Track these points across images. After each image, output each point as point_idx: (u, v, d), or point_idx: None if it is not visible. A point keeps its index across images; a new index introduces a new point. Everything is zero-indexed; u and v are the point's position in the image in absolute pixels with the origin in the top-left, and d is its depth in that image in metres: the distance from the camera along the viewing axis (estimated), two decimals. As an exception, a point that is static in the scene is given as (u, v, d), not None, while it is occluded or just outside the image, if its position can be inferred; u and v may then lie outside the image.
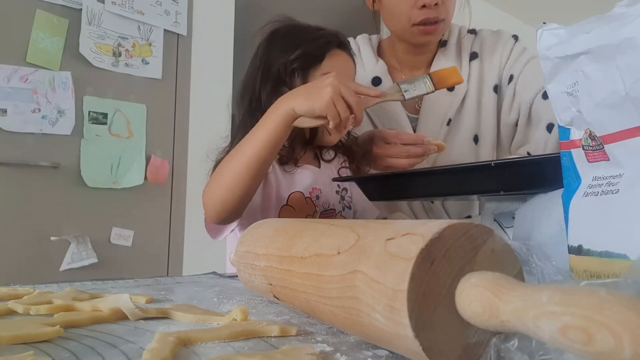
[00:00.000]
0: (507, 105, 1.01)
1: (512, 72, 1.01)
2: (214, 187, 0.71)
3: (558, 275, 0.36)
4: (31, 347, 0.31)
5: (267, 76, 0.83)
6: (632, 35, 0.32)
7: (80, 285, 0.56)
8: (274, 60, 0.83)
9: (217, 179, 0.71)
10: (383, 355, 0.30)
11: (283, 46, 0.84)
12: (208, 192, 0.72)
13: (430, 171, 0.73)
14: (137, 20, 1.99)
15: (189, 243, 2.10)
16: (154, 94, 2.02)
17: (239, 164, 0.68)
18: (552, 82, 0.39)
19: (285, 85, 0.82)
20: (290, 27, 0.87)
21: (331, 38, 0.85)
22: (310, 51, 0.82)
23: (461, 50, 1.04)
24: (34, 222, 1.74)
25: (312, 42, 0.83)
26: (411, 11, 0.91)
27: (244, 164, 0.68)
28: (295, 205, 0.84)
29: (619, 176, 0.35)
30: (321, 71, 0.82)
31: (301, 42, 0.83)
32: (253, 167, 0.68)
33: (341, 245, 0.32)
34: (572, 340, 0.18)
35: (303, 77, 0.82)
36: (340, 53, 0.85)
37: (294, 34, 0.85)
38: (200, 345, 0.32)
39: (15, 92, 1.72)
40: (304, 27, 0.87)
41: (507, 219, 0.64)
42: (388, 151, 0.82)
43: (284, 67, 0.82)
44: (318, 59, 0.82)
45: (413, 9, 0.91)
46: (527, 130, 0.99)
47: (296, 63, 0.82)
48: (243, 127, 0.84)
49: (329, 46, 0.83)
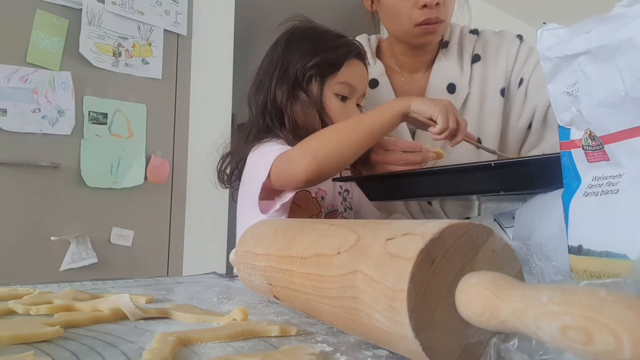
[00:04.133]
0: (517, 109, 1.00)
1: (522, 75, 0.99)
2: (321, 146, 0.71)
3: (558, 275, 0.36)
4: (31, 347, 0.31)
5: (283, 77, 0.84)
6: (632, 35, 0.32)
7: (80, 285, 0.56)
8: (292, 62, 0.84)
9: (327, 140, 0.73)
10: (383, 355, 0.30)
11: (302, 49, 0.85)
12: (309, 150, 0.71)
13: (430, 171, 0.73)
14: (137, 20, 1.99)
15: (189, 243, 2.10)
16: (154, 94, 2.02)
17: (354, 134, 0.72)
18: (552, 82, 0.39)
19: (301, 88, 0.84)
20: (310, 30, 0.88)
21: (351, 48, 0.86)
22: (329, 59, 0.84)
23: (463, 52, 1.03)
24: (34, 222, 1.74)
25: (332, 50, 0.84)
26: (412, 11, 0.91)
27: (358, 136, 0.72)
28: (301, 203, 0.85)
29: (619, 176, 0.35)
30: (338, 80, 0.84)
31: (321, 48, 0.84)
32: (363, 142, 0.73)
33: (341, 245, 0.32)
34: (572, 340, 0.18)
35: (320, 83, 0.84)
36: (357, 63, 0.87)
37: (314, 38, 0.86)
38: (200, 345, 0.32)
39: (15, 92, 1.71)
40: (323, 32, 0.88)
41: (507, 219, 0.64)
42: (386, 158, 0.83)
43: (302, 71, 0.83)
44: (336, 67, 0.84)
45: (414, 9, 0.90)
46: (543, 132, 0.98)
47: (314, 69, 0.83)
48: (257, 123, 0.86)
49: (349, 56, 0.85)
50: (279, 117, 0.84)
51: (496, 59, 1.01)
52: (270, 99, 0.84)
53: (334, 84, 0.84)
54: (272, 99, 0.84)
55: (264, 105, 0.85)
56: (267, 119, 0.85)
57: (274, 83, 0.84)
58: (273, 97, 0.84)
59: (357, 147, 0.72)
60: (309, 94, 0.83)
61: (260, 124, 0.85)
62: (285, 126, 0.83)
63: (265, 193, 0.75)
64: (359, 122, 0.74)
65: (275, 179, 0.73)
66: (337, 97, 0.84)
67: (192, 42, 2.14)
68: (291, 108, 0.84)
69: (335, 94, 0.84)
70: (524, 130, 1.00)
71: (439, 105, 0.74)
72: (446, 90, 1.00)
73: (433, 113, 0.73)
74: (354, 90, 0.85)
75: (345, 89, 0.84)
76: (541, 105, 0.96)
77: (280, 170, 0.72)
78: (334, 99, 0.84)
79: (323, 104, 0.83)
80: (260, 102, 0.85)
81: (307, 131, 0.81)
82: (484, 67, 1.01)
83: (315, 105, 0.83)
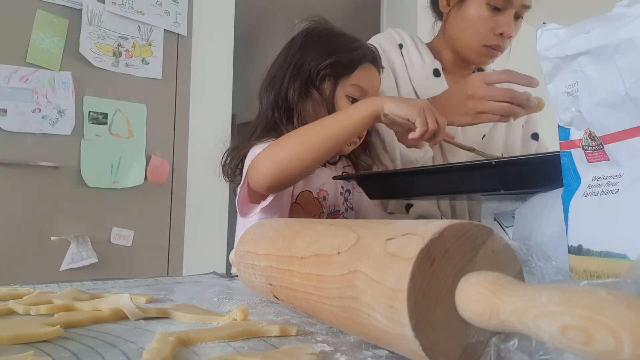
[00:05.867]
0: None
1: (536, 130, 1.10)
2: (280, 150, 0.71)
3: (558, 275, 0.36)
4: (31, 347, 0.31)
5: (297, 74, 0.85)
6: (632, 35, 0.32)
7: (80, 285, 0.56)
8: (307, 60, 0.85)
9: (286, 144, 0.71)
10: (383, 355, 0.30)
11: (318, 49, 0.85)
12: (269, 155, 0.71)
13: (431, 170, 0.73)
14: (137, 20, 1.98)
15: (189, 243, 2.10)
16: (154, 94, 2.02)
17: (314, 137, 0.70)
18: (552, 83, 0.39)
19: (314, 87, 0.84)
20: (327, 31, 0.89)
21: (367, 52, 0.87)
22: (344, 61, 0.84)
23: None
24: (34, 222, 1.74)
25: (348, 52, 0.85)
26: (488, 34, 0.97)
27: (320, 139, 0.69)
28: (304, 203, 0.85)
29: (618, 176, 0.35)
30: (350, 82, 0.85)
31: (337, 49, 0.85)
32: (327, 145, 0.70)
33: (341, 245, 0.32)
34: (572, 340, 0.18)
35: (333, 83, 0.84)
36: (371, 68, 0.87)
37: (331, 39, 0.87)
38: (200, 345, 0.32)
39: (15, 92, 1.71)
40: (339, 34, 0.89)
41: (507, 219, 0.64)
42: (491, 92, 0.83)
43: (316, 70, 0.84)
44: (350, 69, 0.84)
45: (490, 33, 0.97)
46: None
47: (329, 69, 0.83)
48: (265, 119, 0.86)
49: (364, 59, 0.86)
50: (289, 113, 0.85)
51: None
52: (282, 94, 0.85)
53: (346, 85, 0.84)
54: (284, 95, 0.85)
55: (274, 101, 0.85)
56: (275, 115, 0.85)
57: (287, 79, 0.85)
58: (285, 93, 0.85)
59: (321, 150, 0.70)
60: (322, 93, 0.84)
61: (268, 119, 0.86)
62: (293, 123, 0.84)
63: (256, 195, 0.76)
64: (323, 125, 0.71)
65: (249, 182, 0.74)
66: (347, 99, 0.85)
67: (192, 42, 2.14)
68: (302, 105, 0.84)
69: (346, 96, 0.85)
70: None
71: (415, 106, 0.69)
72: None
73: (410, 115, 0.69)
74: (365, 94, 0.86)
75: (357, 92, 0.85)
76: None
77: (249, 174, 0.73)
78: (345, 100, 0.85)
79: (334, 104, 0.84)
80: (272, 97, 0.86)
81: None
82: None
83: (326, 104, 0.83)
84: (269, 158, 0.70)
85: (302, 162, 0.70)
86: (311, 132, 0.71)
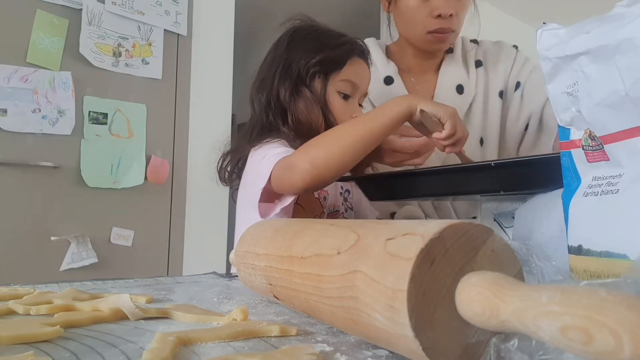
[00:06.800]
0: (514, 111, 1.05)
1: (519, 79, 1.05)
2: (318, 152, 0.70)
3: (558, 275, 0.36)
4: (31, 347, 0.31)
5: (286, 74, 0.84)
6: (632, 35, 0.32)
7: (80, 285, 0.56)
8: (295, 59, 0.84)
9: (323, 146, 0.70)
10: (383, 355, 0.30)
11: (305, 47, 0.85)
12: (306, 156, 0.70)
13: (430, 171, 0.73)
14: (137, 20, 1.99)
15: (189, 243, 2.10)
16: (154, 94, 2.02)
17: (352, 137, 0.70)
18: (552, 83, 0.39)
19: (304, 85, 0.84)
20: (313, 29, 0.88)
21: (354, 46, 0.86)
22: (332, 57, 0.84)
23: (467, 58, 1.08)
24: (34, 222, 1.74)
25: (336, 48, 0.84)
26: (427, 19, 0.95)
27: (358, 138, 0.69)
28: (305, 204, 0.85)
29: (618, 176, 0.35)
30: (341, 77, 0.84)
31: (324, 46, 0.84)
32: (364, 144, 0.70)
33: (341, 245, 0.32)
34: (572, 340, 0.18)
35: (324, 80, 0.84)
36: (360, 62, 0.87)
37: (317, 36, 0.87)
38: (200, 345, 0.32)
39: (15, 92, 1.71)
40: (326, 31, 0.88)
41: (507, 219, 0.64)
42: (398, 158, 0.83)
43: (305, 68, 0.83)
44: (340, 65, 0.84)
45: (429, 18, 0.95)
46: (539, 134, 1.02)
47: (318, 66, 0.83)
48: (260, 121, 0.86)
49: (352, 54, 0.85)
50: (282, 114, 0.84)
51: (496, 65, 1.08)
52: (274, 96, 0.84)
53: (337, 81, 0.84)
54: (275, 96, 0.84)
55: (267, 103, 0.85)
56: (270, 117, 0.85)
57: (277, 80, 0.84)
58: (276, 95, 0.84)
59: (358, 149, 0.70)
60: (313, 91, 0.83)
61: (263, 121, 0.85)
62: (287, 124, 0.83)
63: (265, 195, 0.75)
64: (359, 124, 0.72)
65: (275, 184, 0.73)
66: (339, 95, 0.84)
67: (192, 42, 2.14)
68: (294, 105, 0.84)
69: (338, 92, 0.84)
70: (522, 131, 1.05)
71: (448, 109, 0.71)
72: (455, 91, 1.04)
73: (443, 115, 0.70)
74: (356, 89, 0.85)
75: (348, 87, 0.85)
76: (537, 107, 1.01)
77: (279, 176, 0.72)
78: (336, 96, 0.84)
79: (326, 101, 0.83)
80: (264, 99, 0.85)
81: (309, 128, 0.81)
82: (485, 72, 1.07)
83: (318, 102, 0.83)
84: (306, 160, 0.69)
85: (341, 162, 0.69)
86: (348, 132, 0.71)
